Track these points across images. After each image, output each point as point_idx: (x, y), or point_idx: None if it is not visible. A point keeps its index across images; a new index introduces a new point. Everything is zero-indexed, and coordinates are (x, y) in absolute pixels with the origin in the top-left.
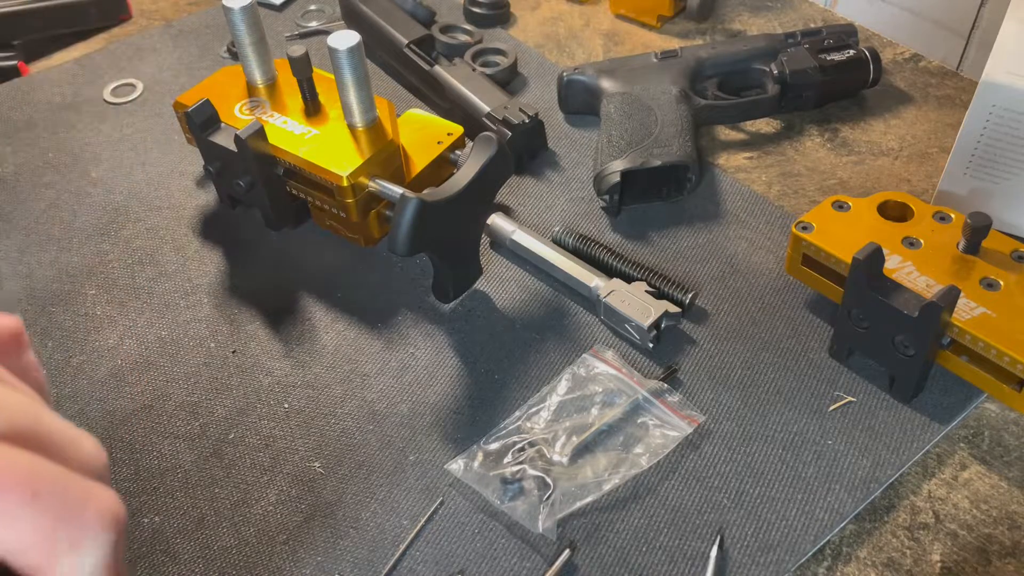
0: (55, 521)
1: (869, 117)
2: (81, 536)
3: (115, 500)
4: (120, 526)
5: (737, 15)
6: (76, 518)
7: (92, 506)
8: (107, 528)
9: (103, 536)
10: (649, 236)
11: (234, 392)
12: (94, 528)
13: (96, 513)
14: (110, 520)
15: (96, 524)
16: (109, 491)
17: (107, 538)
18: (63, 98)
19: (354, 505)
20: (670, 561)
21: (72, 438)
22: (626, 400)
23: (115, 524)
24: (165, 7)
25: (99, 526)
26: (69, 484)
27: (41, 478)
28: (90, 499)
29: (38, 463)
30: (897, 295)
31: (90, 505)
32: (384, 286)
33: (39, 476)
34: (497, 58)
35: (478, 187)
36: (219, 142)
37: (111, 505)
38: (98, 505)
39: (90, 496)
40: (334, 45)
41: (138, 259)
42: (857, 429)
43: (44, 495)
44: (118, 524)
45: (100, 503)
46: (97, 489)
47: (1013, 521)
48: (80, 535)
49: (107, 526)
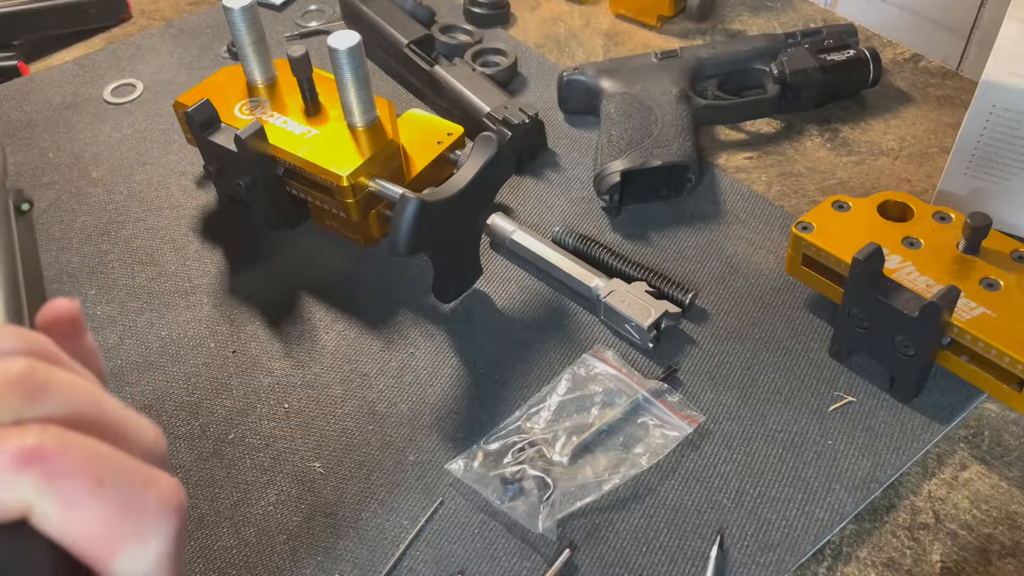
0: (119, 510)
1: (869, 117)
2: (144, 525)
3: (177, 487)
4: (182, 514)
5: (737, 15)
6: (140, 507)
7: (155, 494)
8: (170, 517)
9: (166, 525)
10: (649, 236)
11: (234, 392)
12: (157, 517)
13: (159, 502)
14: (173, 509)
15: (159, 513)
16: (171, 478)
17: (170, 527)
18: (63, 98)
19: (354, 505)
20: (670, 561)
21: (134, 424)
22: (626, 400)
23: (177, 512)
24: (165, 7)
25: (162, 515)
26: (133, 472)
27: (105, 465)
28: (153, 487)
29: (102, 449)
30: (897, 295)
31: (153, 493)
32: (384, 286)
33: (104, 463)
34: (497, 58)
35: (478, 187)
36: (219, 142)
37: (174, 493)
38: (161, 493)
39: (153, 484)
40: (334, 45)
41: (138, 259)
42: (857, 429)
43: (108, 482)
44: (180, 512)
45: (163, 491)
46: (160, 476)
47: (1013, 521)
48: (143, 524)
49: (170, 515)
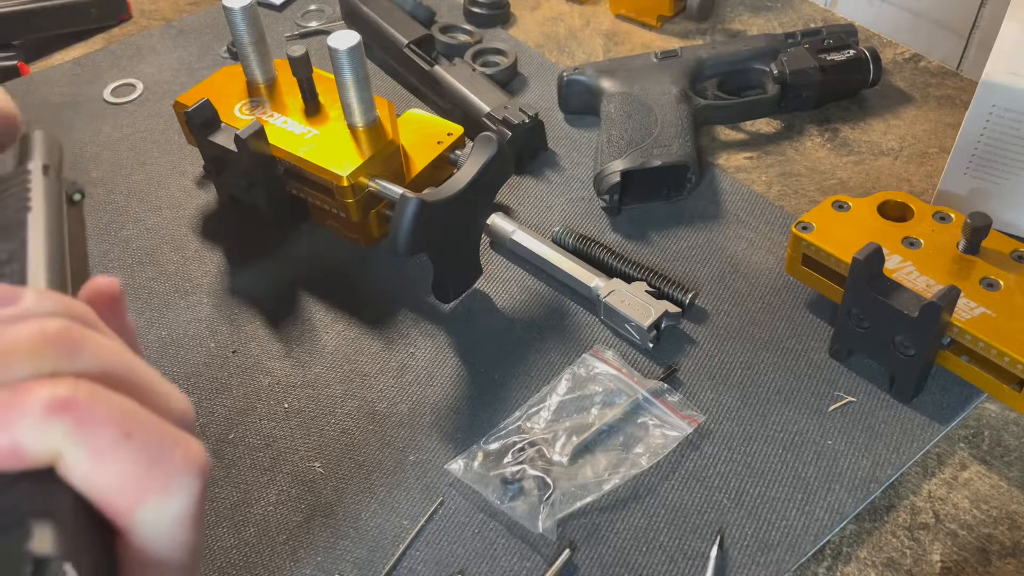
0: (146, 463)
1: (869, 117)
2: (169, 480)
3: (203, 451)
4: (206, 475)
5: (737, 15)
6: (166, 462)
7: (181, 452)
8: (194, 476)
9: (190, 483)
10: (649, 236)
11: (234, 392)
12: (182, 474)
13: (184, 459)
14: (198, 467)
15: (184, 470)
16: (197, 442)
17: (193, 486)
18: (63, 98)
19: (354, 505)
20: (670, 561)
21: (165, 389)
22: (626, 400)
23: (202, 472)
24: (165, 7)
25: (187, 473)
26: (161, 429)
27: (134, 420)
28: (180, 446)
29: (132, 406)
30: (897, 295)
31: (179, 451)
32: (384, 286)
33: (132, 418)
34: (497, 58)
35: (478, 187)
36: (219, 142)
37: (199, 453)
38: (187, 452)
39: (180, 443)
40: (334, 45)
41: (138, 259)
42: (857, 429)
43: (137, 436)
44: (204, 472)
45: (189, 451)
46: (186, 437)
47: (1013, 521)
48: (168, 480)
49: (195, 474)
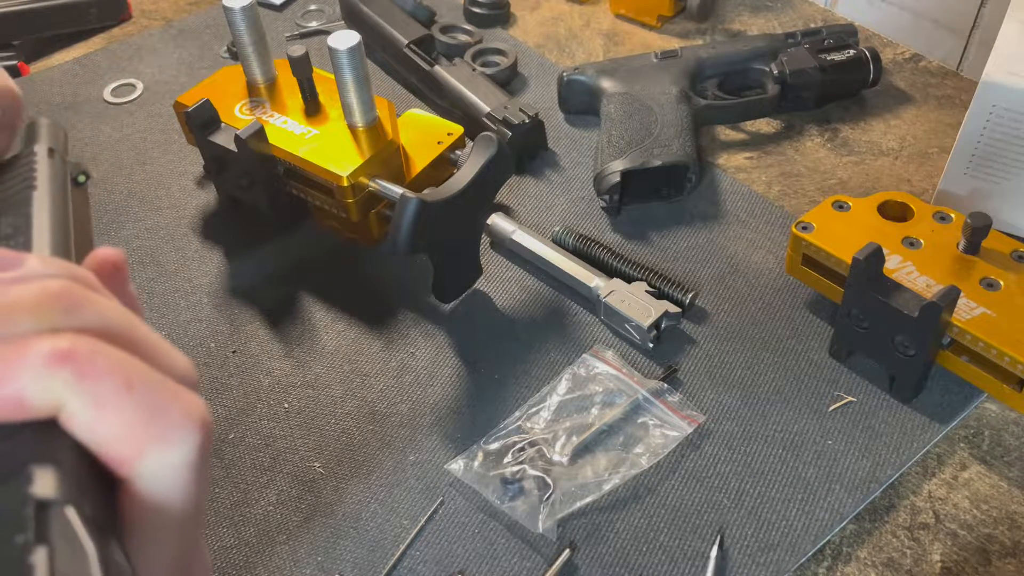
0: (147, 413)
1: (869, 117)
2: (170, 431)
3: (203, 405)
4: (207, 430)
5: (737, 15)
6: (166, 413)
7: (181, 405)
8: (195, 428)
9: (191, 435)
10: (649, 236)
11: (234, 392)
12: (183, 425)
13: (185, 412)
14: (199, 421)
15: (185, 422)
16: (198, 397)
17: (195, 438)
18: (63, 98)
19: (354, 505)
20: (670, 561)
21: (166, 349)
22: (626, 400)
23: (203, 425)
24: (165, 7)
25: (188, 424)
26: (161, 382)
27: (135, 372)
28: (180, 399)
29: (132, 360)
30: (897, 295)
31: (180, 403)
32: (384, 286)
33: (133, 370)
34: (497, 58)
35: (478, 187)
36: (219, 142)
37: (200, 407)
38: (187, 406)
39: (180, 396)
40: (334, 45)
41: (138, 259)
42: (857, 429)
43: (137, 387)
44: (206, 428)
45: (190, 404)
46: (186, 392)
47: (1013, 521)
48: (169, 430)
49: (196, 426)
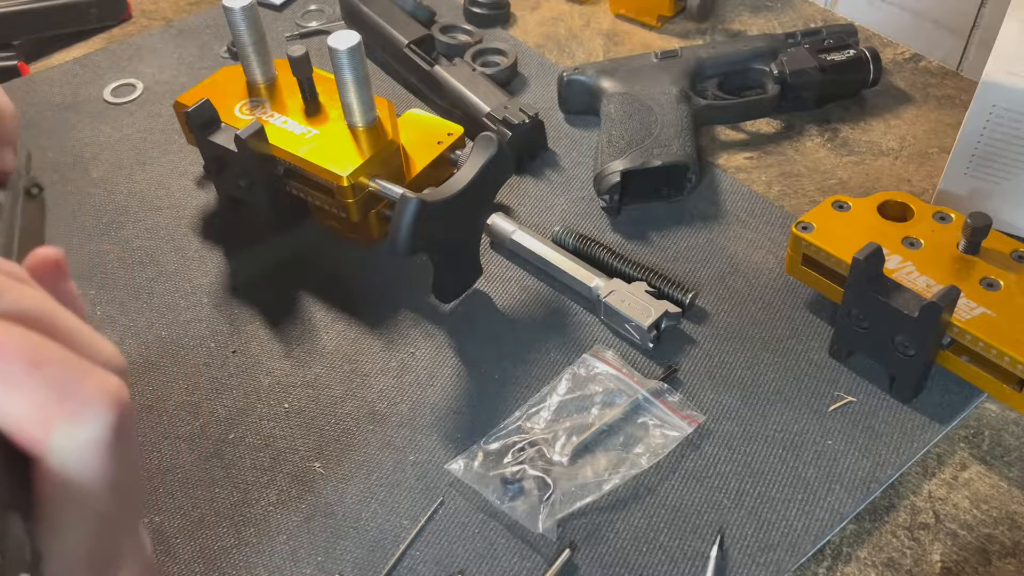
0: (55, 391)
1: (869, 117)
2: (79, 407)
3: (119, 384)
4: (122, 408)
5: (737, 15)
6: (77, 389)
7: (93, 382)
8: (108, 405)
9: (103, 412)
10: (649, 236)
11: (234, 392)
12: (93, 401)
13: (97, 389)
14: (112, 399)
15: (96, 398)
16: (114, 376)
17: (107, 414)
18: (63, 98)
19: (354, 505)
20: (670, 561)
21: (88, 336)
22: (626, 400)
23: (116, 404)
24: (165, 7)
25: (99, 401)
26: (72, 361)
27: (43, 351)
28: (92, 376)
29: (42, 340)
30: (897, 295)
31: (91, 381)
32: (384, 286)
33: (42, 349)
34: (497, 58)
35: (478, 187)
36: (219, 142)
37: (113, 386)
38: (100, 383)
39: (92, 374)
40: (334, 45)
41: (138, 259)
42: (857, 429)
43: (45, 366)
44: (120, 405)
45: (102, 381)
46: (99, 371)
47: (1013, 521)
48: (79, 407)
49: (108, 403)
